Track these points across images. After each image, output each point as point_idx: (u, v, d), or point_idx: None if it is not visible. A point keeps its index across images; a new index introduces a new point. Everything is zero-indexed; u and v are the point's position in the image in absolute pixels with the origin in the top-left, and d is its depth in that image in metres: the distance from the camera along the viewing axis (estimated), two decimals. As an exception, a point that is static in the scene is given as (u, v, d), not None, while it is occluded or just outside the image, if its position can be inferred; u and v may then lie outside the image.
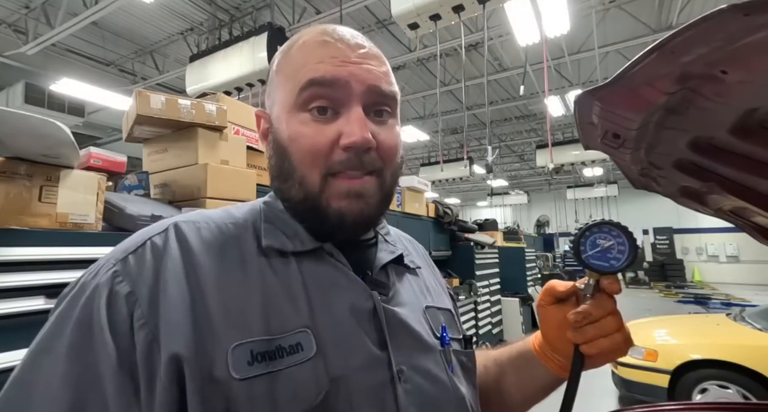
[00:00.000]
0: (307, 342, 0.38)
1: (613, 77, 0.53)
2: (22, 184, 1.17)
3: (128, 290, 0.36)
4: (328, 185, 0.43)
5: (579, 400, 0.48)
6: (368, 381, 0.39)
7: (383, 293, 0.46)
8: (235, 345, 0.35)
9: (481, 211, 20.31)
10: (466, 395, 0.47)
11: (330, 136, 0.42)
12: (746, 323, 3.38)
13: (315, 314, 0.40)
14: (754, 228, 0.94)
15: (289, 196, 0.46)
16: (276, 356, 0.36)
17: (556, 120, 9.40)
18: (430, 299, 0.53)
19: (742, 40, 0.39)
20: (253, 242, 0.44)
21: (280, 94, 0.45)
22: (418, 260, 0.58)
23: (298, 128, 0.43)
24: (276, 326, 0.38)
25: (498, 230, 6.35)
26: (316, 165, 0.43)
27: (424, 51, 6.31)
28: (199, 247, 0.41)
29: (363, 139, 0.42)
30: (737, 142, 0.60)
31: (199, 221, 0.44)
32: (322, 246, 0.45)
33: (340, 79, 0.42)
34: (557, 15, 4.13)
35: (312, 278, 0.43)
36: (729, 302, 9.12)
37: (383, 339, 0.42)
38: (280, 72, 0.46)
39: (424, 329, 0.47)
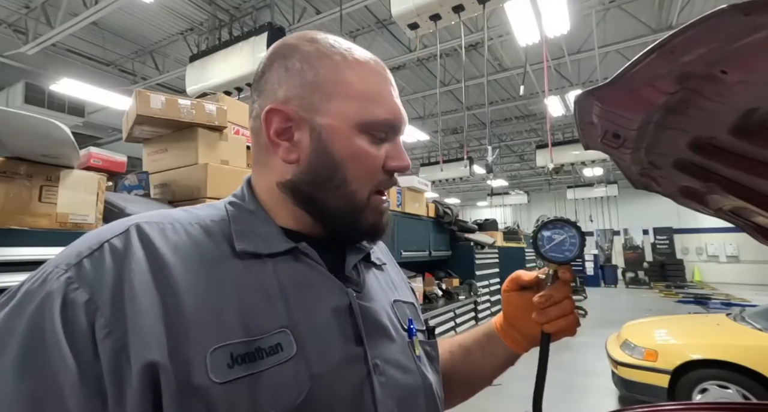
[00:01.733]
0: (286, 342, 0.39)
1: (613, 77, 0.53)
2: (22, 184, 1.17)
3: (86, 297, 0.34)
4: (370, 201, 0.48)
5: (579, 400, 0.49)
6: (347, 377, 0.41)
7: (357, 289, 0.48)
8: (214, 348, 0.35)
9: (481, 211, 20.31)
10: (433, 382, 0.51)
11: (382, 159, 0.48)
12: (746, 323, 3.38)
13: (293, 313, 0.41)
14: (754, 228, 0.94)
15: (324, 201, 0.47)
16: (257, 357, 0.37)
17: (556, 120, 9.39)
18: (397, 293, 0.57)
19: (742, 40, 0.39)
20: (224, 245, 0.43)
21: (339, 106, 0.46)
22: (382, 256, 0.61)
23: (363, 148, 0.46)
24: (255, 328, 0.38)
25: (498, 230, 6.34)
26: (369, 183, 0.48)
27: (424, 51, 6.31)
28: (166, 248, 0.39)
29: (409, 165, 0.50)
30: (737, 142, 0.60)
31: (163, 221, 0.42)
32: (297, 246, 0.45)
33: (400, 121, 0.49)
34: (557, 15, 4.13)
35: (288, 278, 0.43)
36: (729, 302, 9.11)
37: (359, 335, 0.44)
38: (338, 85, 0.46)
39: (392, 323, 0.50)
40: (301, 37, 0.49)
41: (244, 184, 0.52)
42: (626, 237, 16.14)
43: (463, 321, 4.03)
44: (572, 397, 3.69)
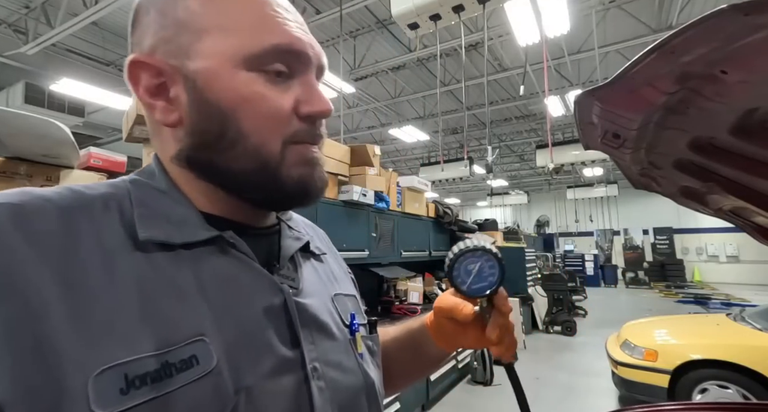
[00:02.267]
0: (203, 353, 0.32)
1: (613, 77, 0.53)
2: (22, 184, 1.17)
3: None
4: (288, 152, 0.39)
5: (579, 400, 0.49)
6: (280, 385, 0.36)
7: (293, 285, 0.42)
8: (99, 371, 0.27)
9: (481, 211, 20.31)
10: (375, 380, 0.47)
11: (289, 102, 0.39)
12: (746, 323, 3.38)
13: (214, 317, 0.34)
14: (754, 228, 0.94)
15: (230, 168, 0.38)
16: (163, 375, 0.29)
17: (556, 120, 9.39)
18: (337, 286, 0.52)
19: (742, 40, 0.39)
20: (120, 232, 0.34)
21: (218, 45, 0.37)
22: (322, 245, 0.56)
23: (254, 89, 0.37)
24: (162, 339, 0.31)
25: (498, 230, 6.34)
26: (277, 132, 0.38)
27: (424, 51, 6.31)
28: (26, 241, 0.29)
29: (329, 108, 0.40)
30: (737, 142, 0.60)
31: (25, 203, 0.31)
32: (221, 235, 0.38)
33: (304, 52, 0.40)
34: (557, 15, 4.13)
35: (209, 274, 0.36)
36: (729, 302, 9.11)
37: (295, 337, 0.39)
38: (208, 15, 0.37)
39: (333, 319, 0.45)
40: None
41: (154, 160, 0.43)
42: (626, 237, 16.14)
43: (463, 321, 4.04)
44: (572, 397, 3.69)
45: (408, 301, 3.47)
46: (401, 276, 3.54)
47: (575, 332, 6.19)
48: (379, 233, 3.16)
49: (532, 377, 4.17)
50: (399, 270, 3.53)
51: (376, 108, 9.06)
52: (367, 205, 2.96)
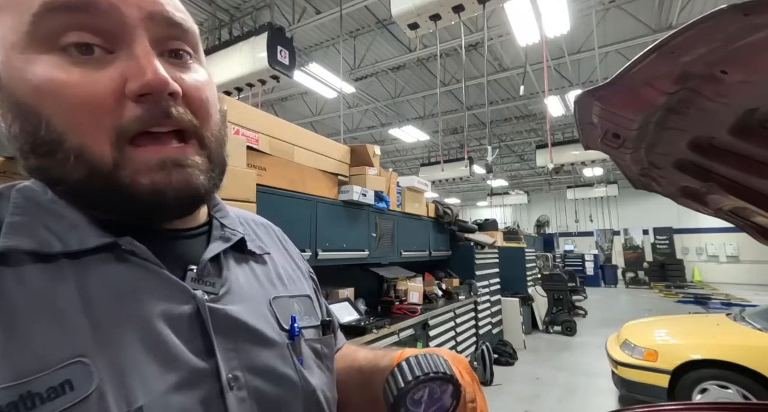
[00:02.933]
0: (81, 376, 0.28)
1: (613, 77, 0.53)
2: (22, 184, 1.17)
3: None
4: (126, 156, 0.32)
5: (579, 400, 0.49)
6: (184, 401, 0.32)
7: (211, 291, 0.38)
8: None
9: (481, 211, 20.31)
10: (317, 386, 0.43)
11: (108, 82, 0.30)
12: (746, 323, 3.38)
13: (100, 334, 0.30)
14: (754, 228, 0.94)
15: (62, 177, 0.32)
16: (21, 407, 0.26)
17: (556, 120, 9.39)
18: (281, 287, 0.48)
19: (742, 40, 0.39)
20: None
21: (0, 31, 0.31)
22: (270, 245, 0.51)
23: (52, 75, 0.29)
24: (22, 366, 0.27)
25: (498, 230, 6.34)
26: (99, 127, 0.31)
27: (424, 51, 6.31)
28: None
29: (158, 78, 0.31)
30: (737, 142, 0.60)
31: None
32: (115, 241, 0.33)
33: (109, 2, 0.30)
34: (557, 15, 4.13)
35: (99, 285, 0.32)
36: (729, 302, 9.11)
37: (210, 346, 0.35)
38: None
39: (268, 324, 0.42)
40: None
41: None
42: (626, 237, 16.14)
43: (463, 321, 4.03)
44: (572, 397, 3.69)
45: (408, 301, 3.47)
46: (401, 276, 3.54)
47: (575, 332, 6.19)
48: (379, 233, 3.16)
49: (532, 377, 4.17)
50: (399, 270, 3.53)
51: (376, 108, 9.07)
52: (367, 205, 2.97)
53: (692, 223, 14.76)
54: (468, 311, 4.20)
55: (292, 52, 4.66)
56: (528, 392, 3.78)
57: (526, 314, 6.09)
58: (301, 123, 8.49)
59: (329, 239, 2.52)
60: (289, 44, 4.66)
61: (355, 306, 2.72)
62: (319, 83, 6.25)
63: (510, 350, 4.73)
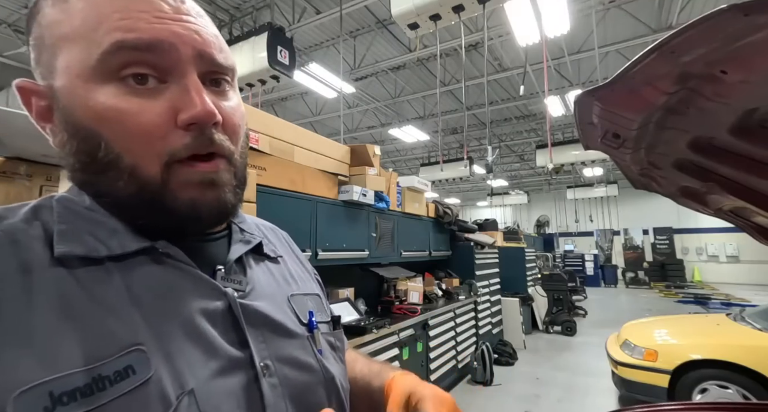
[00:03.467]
0: (140, 362, 0.32)
1: (613, 77, 0.53)
2: (22, 184, 1.17)
3: None
4: (173, 174, 0.36)
5: (579, 400, 0.49)
6: (226, 386, 0.36)
7: (238, 288, 0.43)
8: (20, 392, 0.27)
9: (481, 211, 20.31)
10: (336, 374, 0.48)
11: (162, 111, 0.35)
12: (746, 323, 3.38)
13: (151, 326, 0.34)
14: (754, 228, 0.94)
15: (111, 191, 0.36)
16: (95, 389, 0.29)
17: (556, 120, 9.40)
18: (295, 286, 0.52)
19: (742, 40, 0.39)
20: (42, 251, 0.34)
21: (66, 59, 0.34)
22: (280, 248, 0.56)
23: (113, 103, 0.33)
24: (92, 352, 0.30)
25: (498, 230, 6.34)
26: (152, 150, 0.35)
27: (424, 51, 6.31)
28: None
29: (207, 111, 0.35)
30: (737, 142, 0.60)
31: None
32: (153, 245, 0.37)
33: (163, 42, 0.34)
34: (557, 15, 4.14)
35: (143, 285, 0.36)
36: (729, 302, 9.11)
37: (243, 338, 0.39)
38: (58, 27, 0.34)
39: (289, 318, 0.46)
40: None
41: None
42: (626, 237, 16.15)
43: (463, 321, 4.04)
44: (572, 397, 3.69)
45: (408, 301, 3.47)
46: (401, 276, 3.54)
47: (575, 332, 6.19)
48: (379, 233, 3.16)
49: (532, 377, 4.17)
50: (399, 270, 3.53)
51: (376, 108, 9.07)
52: (367, 205, 2.97)
53: (692, 223, 14.76)
54: (468, 311, 4.20)
55: (292, 52, 4.66)
56: (528, 392, 3.79)
57: (526, 314, 6.09)
58: (301, 123, 8.49)
59: (329, 238, 2.52)
60: (289, 44, 4.66)
61: (355, 306, 2.72)
62: (319, 83, 6.25)
63: (510, 350, 4.73)
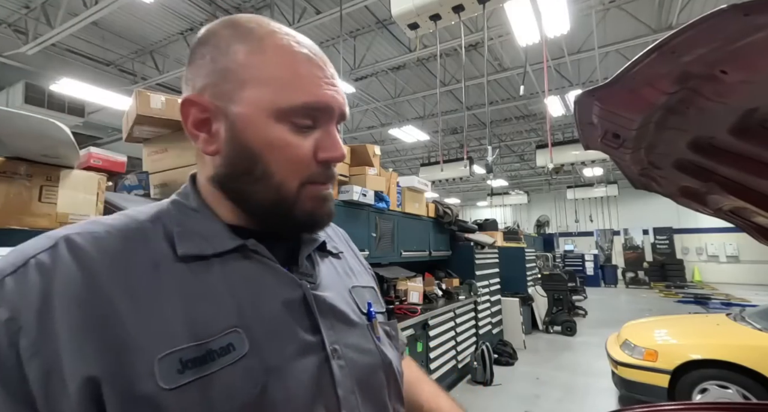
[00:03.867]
0: (238, 341, 0.40)
1: (613, 77, 0.53)
2: (22, 184, 1.17)
3: (7, 315, 0.33)
4: (303, 191, 0.46)
5: (579, 400, 0.49)
6: (303, 366, 0.43)
7: (310, 281, 0.49)
8: (161, 356, 0.35)
9: (481, 211, 20.31)
10: (393, 359, 0.53)
11: (310, 148, 0.46)
12: (746, 323, 3.38)
13: (244, 312, 0.42)
14: (754, 228, 0.94)
15: (253, 197, 0.46)
16: (207, 360, 0.37)
17: (556, 120, 9.39)
18: (355, 279, 0.59)
19: (742, 40, 0.39)
20: (166, 248, 0.42)
21: (252, 94, 0.43)
22: (340, 245, 0.64)
23: (281, 137, 0.44)
24: (203, 331, 0.38)
25: (498, 230, 6.34)
26: (296, 174, 0.45)
27: (424, 51, 6.31)
28: (102, 259, 0.38)
29: (342, 155, 0.48)
30: (737, 142, 0.60)
31: (97, 230, 0.41)
32: (244, 243, 0.45)
33: (327, 105, 0.46)
34: (557, 15, 4.13)
35: (237, 276, 0.44)
36: (729, 302, 9.11)
37: (315, 324, 0.46)
38: (253, 70, 0.44)
39: (351, 308, 0.52)
40: (223, 21, 0.47)
41: (189, 180, 0.51)
42: (626, 237, 16.14)
43: (463, 321, 4.03)
44: (572, 397, 3.69)
45: (408, 301, 3.47)
46: (401, 276, 3.54)
47: (575, 332, 6.19)
48: (379, 233, 3.16)
49: (532, 377, 4.16)
50: (399, 270, 3.53)
51: (376, 108, 9.07)
52: (367, 205, 2.96)
53: (692, 223, 14.76)
54: (468, 311, 4.20)
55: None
56: (528, 392, 3.78)
57: (526, 314, 6.09)
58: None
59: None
60: (289, 44, 4.65)
61: (355, 306, 2.71)
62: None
63: (510, 350, 4.73)
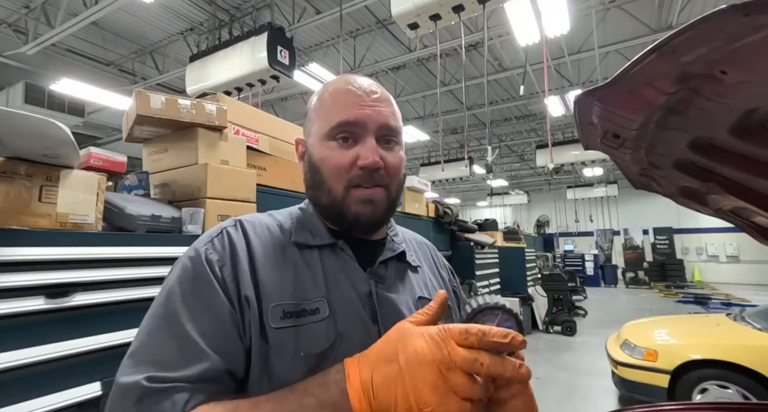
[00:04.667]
0: (323, 308, 0.54)
1: (613, 77, 0.53)
2: (22, 184, 1.17)
3: (217, 257, 0.54)
4: (349, 193, 0.58)
5: (579, 400, 0.49)
6: (362, 337, 0.53)
7: (380, 281, 0.60)
8: (273, 305, 0.52)
9: (481, 211, 20.31)
10: None
11: (350, 158, 0.58)
12: (746, 323, 3.38)
13: (329, 290, 0.56)
14: (754, 228, 0.94)
15: (320, 202, 0.61)
16: (300, 315, 0.53)
17: (556, 120, 9.39)
18: (426, 292, 0.66)
19: (741, 41, 0.39)
20: (288, 238, 0.61)
21: (315, 127, 0.62)
22: (422, 260, 0.73)
23: (328, 152, 0.59)
24: (301, 295, 0.54)
25: (498, 230, 6.34)
26: (340, 179, 0.58)
27: (424, 51, 6.31)
28: (255, 239, 0.58)
29: (374, 162, 0.57)
30: (737, 142, 0.60)
31: (254, 220, 0.62)
32: (335, 242, 0.61)
33: (360, 120, 0.58)
34: (557, 15, 4.13)
35: (328, 265, 0.59)
36: (729, 302, 9.11)
37: (375, 315, 0.57)
38: (315, 111, 0.63)
39: (410, 312, 0.58)
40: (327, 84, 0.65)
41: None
42: (626, 237, 16.14)
43: (463, 321, 4.03)
44: (572, 397, 3.69)
45: (408, 301, 3.47)
46: (401, 276, 3.54)
47: (575, 332, 6.19)
48: (379, 233, 3.15)
49: (532, 377, 4.14)
50: (399, 270, 3.52)
51: (376, 108, 9.04)
52: (367, 205, 2.96)
53: (692, 223, 14.76)
54: (468, 311, 4.19)
55: (292, 52, 4.65)
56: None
57: (526, 314, 6.09)
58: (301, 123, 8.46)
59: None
60: (289, 44, 4.66)
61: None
62: (320, 83, 6.25)
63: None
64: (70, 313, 1.20)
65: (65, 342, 1.17)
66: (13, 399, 1.05)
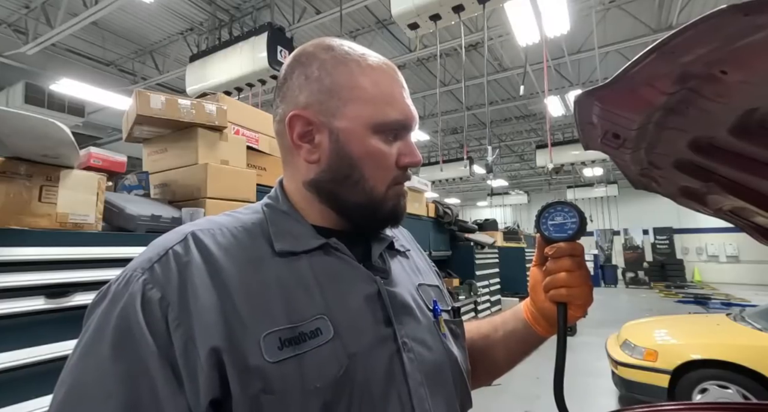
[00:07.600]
0: (324, 327, 0.45)
1: (613, 77, 0.53)
2: (22, 184, 1.17)
3: (159, 295, 0.41)
4: (389, 190, 0.53)
5: (579, 400, 0.49)
6: (379, 354, 0.47)
7: (383, 277, 0.54)
8: (265, 334, 0.42)
9: (481, 211, 20.30)
10: (458, 356, 0.56)
11: (395, 156, 0.53)
12: (746, 323, 3.38)
13: (329, 302, 0.47)
14: (754, 228, 0.94)
15: (348, 199, 0.53)
16: (300, 340, 0.43)
17: (556, 120, 9.39)
18: (421, 277, 0.62)
19: (741, 41, 0.39)
20: (265, 245, 0.49)
21: (353, 112, 0.51)
22: (406, 243, 0.68)
23: (378, 147, 0.51)
24: (296, 316, 0.44)
25: (498, 230, 6.34)
26: (385, 179, 0.53)
27: (424, 51, 6.31)
28: (219, 252, 0.46)
29: (419, 160, 0.55)
30: (737, 142, 0.60)
31: (212, 228, 0.49)
32: (327, 242, 0.51)
33: (411, 121, 0.54)
34: (557, 15, 4.13)
35: (322, 271, 0.49)
36: (729, 302, 9.11)
37: (388, 317, 0.50)
38: (351, 91, 0.51)
39: (417, 305, 0.55)
40: (318, 45, 0.54)
41: (277, 185, 0.58)
42: (626, 237, 16.14)
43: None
44: (572, 397, 3.67)
45: (408, 301, 3.47)
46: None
47: (575, 332, 6.19)
48: (379, 233, 3.15)
49: (533, 377, 4.16)
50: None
51: (376, 108, 9.04)
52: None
53: (692, 223, 14.76)
54: (468, 311, 4.19)
55: (292, 53, 4.65)
56: (528, 392, 3.78)
57: (526, 314, 6.08)
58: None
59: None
60: (289, 44, 4.66)
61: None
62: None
63: (510, 350, 4.72)
64: (70, 313, 1.20)
65: (65, 342, 1.17)
66: (13, 399, 1.06)
